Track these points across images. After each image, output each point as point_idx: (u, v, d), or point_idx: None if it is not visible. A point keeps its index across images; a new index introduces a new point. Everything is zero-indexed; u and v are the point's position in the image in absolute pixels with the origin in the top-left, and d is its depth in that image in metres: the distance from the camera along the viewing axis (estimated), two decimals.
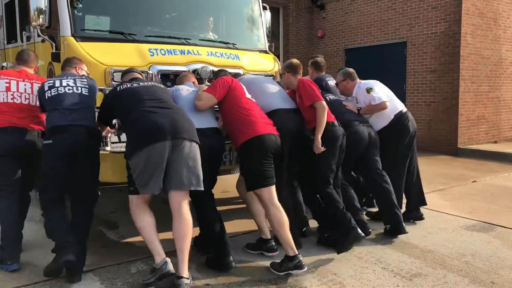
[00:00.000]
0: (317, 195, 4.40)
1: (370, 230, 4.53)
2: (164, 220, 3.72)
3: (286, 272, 3.65)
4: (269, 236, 4.10)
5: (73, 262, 3.41)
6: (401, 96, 11.24)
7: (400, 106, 4.98)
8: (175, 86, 4.33)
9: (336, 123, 4.29)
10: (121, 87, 3.68)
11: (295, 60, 4.53)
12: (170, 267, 3.32)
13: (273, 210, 3.75)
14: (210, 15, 5.77)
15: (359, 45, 12.38)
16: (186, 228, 3.37)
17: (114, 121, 3.99)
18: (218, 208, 3.98)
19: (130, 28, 4.87)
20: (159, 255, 3.39)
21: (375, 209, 5.29)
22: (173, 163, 3.35)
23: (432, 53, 10.68)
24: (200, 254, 3.98)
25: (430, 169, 8.41)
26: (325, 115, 4.12)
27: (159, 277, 3.31)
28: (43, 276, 3.54)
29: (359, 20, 12.30)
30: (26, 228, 4.13)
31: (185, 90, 4.09)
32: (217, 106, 4.14)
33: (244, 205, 4.50)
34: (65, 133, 3.51)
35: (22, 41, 5.64)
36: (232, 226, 4.65)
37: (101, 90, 4.17)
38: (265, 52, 5.97)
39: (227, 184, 5.95)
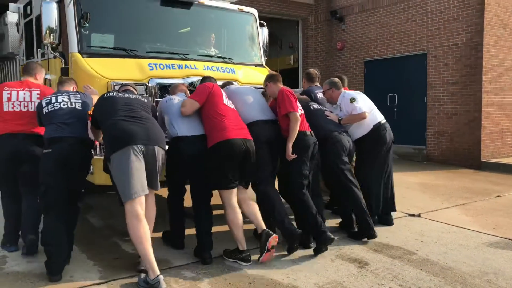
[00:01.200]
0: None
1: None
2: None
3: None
4: (244, 248, 4.25)
5: (56, 276, 3.79)
6: (422, 108, 11.13)
7: (379, 117, 5.30)
8: (167, 96, 4.66)
9: (308, 132, 4.60)
10: (106, 95, 4.07)
11: (274, 72, 5.04)
12: (163, 284, 3.53)
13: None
14: (209, 32, 6.17)
15: (379, 57, 12.29)
16: (151, 213, 3.88)
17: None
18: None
19: (132, 44, 5.26)
20: (153, 271, 3.57)
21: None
22: (146, 167, 3.73)
23: (454, 65, 10.51)
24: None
25: (452, 183, 8.22)
26: (297, 125, 4.43)
27: None
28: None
29: (378, 32, 12.23)
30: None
31: (177, 99, 4.41)
32: None
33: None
34: (61, 143, 3.88)
35: (37, 57, 6.02)
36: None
37: None
38: (261, 66, 6.31)
39: None
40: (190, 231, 4.48)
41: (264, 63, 6.45)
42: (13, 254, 4.37)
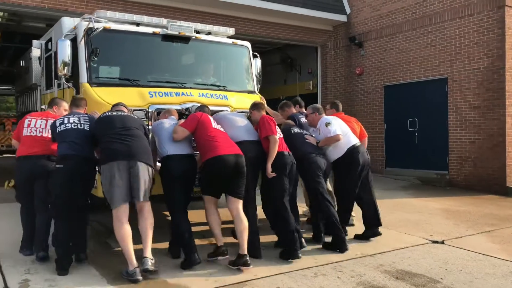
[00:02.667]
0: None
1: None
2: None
3: (237, 267, 4.59)
4: (221, 243, 4.86)
5: (63, 271, 4.41)
6: (444, 133, 10.99)
7: (354, 141, 5.77)
8: (159, 120, 5.23)
9: (286, 152, 5.17)
10: (103, 115, 4.69)
11: (258, 101, 5.85)
12: (139, 275, 4.21)
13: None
14: (205, 63, 6.87)
15: (398, 82, 12.25)
16: (148, 223, 4.44)
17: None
18: None
19: (135, 75, 5.89)
20: (132, 264, 4.24)
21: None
22: (130, 180, 4.34)
23: (475, 89, 10.39)
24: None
25: (477, 209, 8.01)
26: (275, 147, 5.02)
27: (129, 280, 4.22)
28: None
29: (397, 57, 12.24)
30: None
31: (167, 123, 5.00)
32: None
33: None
34: (71, 160, 4.51)
35: (55, 87, 6.61)
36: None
37: None
38: (253, 92, 6.85)
39: None
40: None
41: (256, 90, 6.99)
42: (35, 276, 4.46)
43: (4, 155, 20.83)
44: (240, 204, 4.80)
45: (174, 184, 4.74)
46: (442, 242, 5.80)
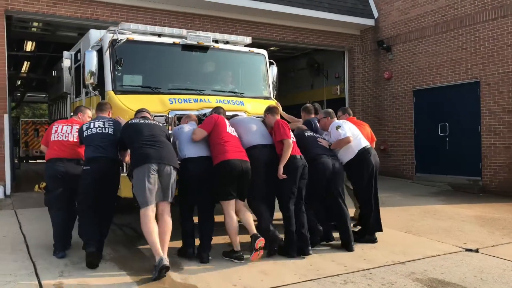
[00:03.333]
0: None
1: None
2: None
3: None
4: (238, 249, 5.10)
5: (94, 252, 4.75)
6: (476, 138, 10.72)
7: (364, 143, 6.01)
8: (180, 124, 5.56)
9: (298, 156, 5.37)
10: (130, 122, 4.98)
11: (272, 105, 5.98)
12: (165, 261, 4.42)
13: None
14: (223, 71, 7.15)
15: (428, 86, 12.02)
16: (167, 227, 4.69)
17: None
18: None
19: (156, 83, 6.26)
20: (158, 254, 4.47)
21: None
22: (159, 182, 4.64)
23: (510, 93, 10.08)
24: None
25: None
26: (289, 150, 5.25)
27: (159, 270, 4.38)
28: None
29: (427, 61, 12.01)
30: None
31: (187, 128, 5.35)
32: None
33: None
34: (97, 162, 4.89)
35: (83, 95, 6.99)
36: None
37: None
38: (269, 98, 7.10)
39: None
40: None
41: (273, 96, 7.27)
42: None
43: (38, 161, 21.51)
44: (241, 205, 5.20)
45: (191, 184, 5.06)
46: (477, 251, 5.62)
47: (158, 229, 4.60)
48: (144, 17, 10.73)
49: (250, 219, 5.20)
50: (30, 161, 22.08)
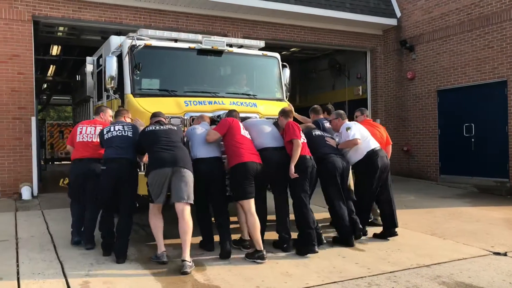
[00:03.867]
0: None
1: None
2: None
3: (252, 260, 5.11)
4: (246, 237, 5.56)
5: (109, 248, 5.25)
6: (503, 138, 10.46)
7: (373, 145, 6.13)
8: (192, 125, 5.82)
9: (308, 156, 5.58)
10: (147, 129, 5.23)
11: (287, 107, 6.16)
12: (165, 257, 4.98)
13: (249, 217, 5.23)
14: (237, 74, 7.38)
15: (453, 86, 11.80)
16: (187, 226, 4.88)
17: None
18: None
19: (173, 86, 6.50)
20: (160, 249, 5.01)
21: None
22: (174, 183, 4.91)
23: None
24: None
25: None
26: (298, 150, 5.42)
27: (158, 262, 4.96)
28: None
29: (452, 60, 11.80)
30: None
31: (199, 129, 5.59)
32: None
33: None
34: (115, 163, 5.19)
35: (104, 98, 7.32)
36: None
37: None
38: (282, 100, 7.29)
39: None
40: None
41: (285, 98, 7.44)
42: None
43: (63, 162, 21.96)
44: (252, 203, 5.31)
45: (202, 183, 5.30)
46: (505, 254, 5.48)
47: (179, 228, 4.91)
48: (166, 21, 10.85)
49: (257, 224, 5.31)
50: (55, 163, 22.57)
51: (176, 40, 6.74)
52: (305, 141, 5.74)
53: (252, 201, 5.26)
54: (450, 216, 7.82)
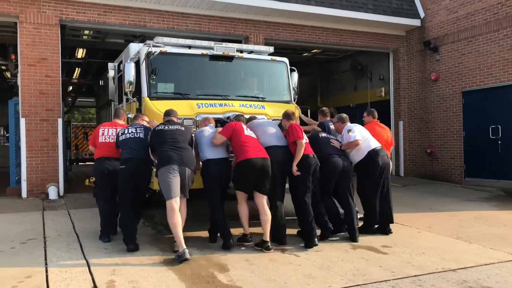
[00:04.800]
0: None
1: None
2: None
3: (259, 248, 5.63)
4: (247, 232, 5.91)
5: (133, 248, 5.55)
6: None
7: (374, 145, 6.47)
8: (199, 128, 6.22)
9: (311, 155, 5.94)
10: (157, 128, 5.69)
11: (289, 110, 6.40)
12: (187, 255, 5.12)
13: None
14: (247, 78, 7.74)
15: (479, 87, 11.58)
16: (181, 218, 5.36)
17: None
18: None
19: (186, 89, 6.95)
20: (181, 246, 5.17)
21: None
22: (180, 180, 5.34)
23: None
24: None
25: None
26: (301, 150, 5.80)
27: (180, 261, 5.09)
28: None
29: (477, 61, 11.57)
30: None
31: (207, 131, 5.98)
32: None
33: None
34: (131, 162, 5.72)
35: (124, 102, 7.74)
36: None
37: None
38: (289, 102, 7.60)
39: None
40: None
41: (294, 100, 7.75)
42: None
43: (87, 163, 22.39)
44: (264, 199, 5.74)
45: (212, 182, 5.77)
46: None
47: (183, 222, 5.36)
48: (189, 23, 10.97)
49: (267, 218, 5.72)
50: (80, 163, 23.03)
51: (190, 47, 7.13)
52: (308, 141, 6.11)
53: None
54: (476, 219, 7.66)
